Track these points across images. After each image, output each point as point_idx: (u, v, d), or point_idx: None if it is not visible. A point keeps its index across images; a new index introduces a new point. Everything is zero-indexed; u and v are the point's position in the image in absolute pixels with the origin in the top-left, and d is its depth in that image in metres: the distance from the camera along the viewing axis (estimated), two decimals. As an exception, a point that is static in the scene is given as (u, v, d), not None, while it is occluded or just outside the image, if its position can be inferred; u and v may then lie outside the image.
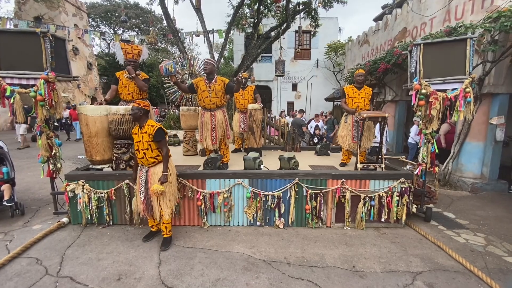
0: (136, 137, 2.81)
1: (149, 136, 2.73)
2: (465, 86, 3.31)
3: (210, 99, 3.97)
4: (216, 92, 3.96)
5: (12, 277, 2.43)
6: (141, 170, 2.89)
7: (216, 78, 4.00)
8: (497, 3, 4.83)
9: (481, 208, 4.42)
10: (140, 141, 2.78)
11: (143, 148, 2.77)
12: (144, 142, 2.76)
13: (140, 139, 2.78)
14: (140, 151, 2.80)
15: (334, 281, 2.47)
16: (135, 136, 2.82)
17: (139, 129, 2.81)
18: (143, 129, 2.77)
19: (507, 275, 2.62)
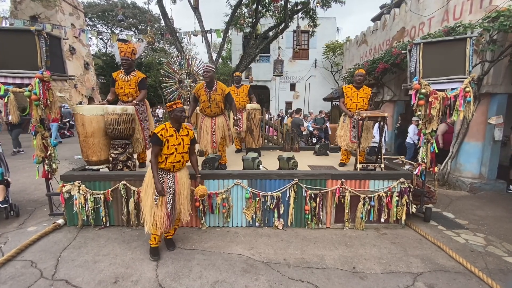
0: (172, 140, 2.59)
1: (190, 139, 2.70)
2: (465, 86, 3.29)
3: (211, 109, 3.98)
4: (217, 102, 3.93)
5: (6, 280, 2.38)
6: (166, 178, 2.63)
7: (216, 87, 3.89)
8: (495, 3, 4.83)
9: (480, 208, 4.42)
10: (180, 144, 2.64)
11: (182, 151, 2.67)
12: (184, 145, 2.67)
13: (179, 142, 2.63)
14: (177, 155, 2.63)
15: (334, 282, 2.44)
16: (171, 139, 2.58)
17: (175, 132, 2.63)
18: (182, 132, 2.67)
19: (507, 275, 2.60)
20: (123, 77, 3.88)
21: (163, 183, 2.60)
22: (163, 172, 2.63)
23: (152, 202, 2.57)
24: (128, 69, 3.89)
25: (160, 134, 2.53)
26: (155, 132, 2.54)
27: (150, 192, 2.61)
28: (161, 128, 2.57)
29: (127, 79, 3.88)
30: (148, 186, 2.63)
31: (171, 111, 2.62)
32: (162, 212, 2.58)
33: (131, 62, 3.89)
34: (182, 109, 2.62)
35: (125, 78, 3.88)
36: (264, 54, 16.00)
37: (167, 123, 2.65)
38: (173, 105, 2.62)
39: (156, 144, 2.52)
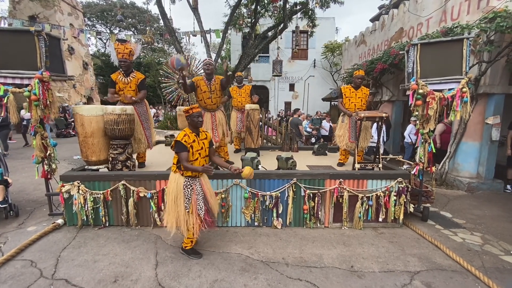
0: (196, 146, 2.58)
1: (209, 141, 2.72)
2: (462, 86, 3.32)
3: (212, 99, 4.02)
4: (217, 92, 4.02)
5: (6, 279, 2.39)
6: (194, 184, 2.62)
7: (215, 78, 4.03)
8: (492, 4, 4.87)
9: (478, 207, 4.45)
10: (202, 148, 2.64)
11: (204, 155, 2.67)
12: (206, 148, 2.69)
13: (201, 146, 2.63)
14: (201, 160, 2.63)
15: (333, 281, 2.46)
16: (194, 145, 2.57)
17: (196, 137, 2.61)
18: (201, 136, 2.68)
19: (503, 273, 2.63)
20: (123, 79, 3.88)
21: (191, 190, 2.60)
22: (190, 178, 2.61)
23: (185, 210, 2.57)
24: (127, 71, 3.88)
25: (184, 141, 2.51)
26: (178, 139, 2.51)
27: (180, 201, 2.58)
28: (183, 135, 2.54)
29: (127, 81, 3.88)
30: (177, 197, 2.59)
31: (188, 116, 2.61)
32: (195, 218, 2.58)
33: (129, 64, 3.87)
34: (199, 114, 2.61)
35: (125, 80, 3.87)
36: (263, 54, 16.02)
37: (186, 129, 2.63)
38: (189, 110, 2.59)
39: (182, 151, 2.50)
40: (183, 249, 2.82)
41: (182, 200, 2.57)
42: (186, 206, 2.57)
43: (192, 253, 2.80)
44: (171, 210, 2.63)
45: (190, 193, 2.59)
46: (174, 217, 2.61)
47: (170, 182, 2.66)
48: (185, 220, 2.58)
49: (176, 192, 2.60)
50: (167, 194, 2.72)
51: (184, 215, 2.58)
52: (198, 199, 2.62)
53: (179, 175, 2.62)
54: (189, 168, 2.51)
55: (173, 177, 2.64)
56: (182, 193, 2.57)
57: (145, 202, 3.42)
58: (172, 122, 9.81)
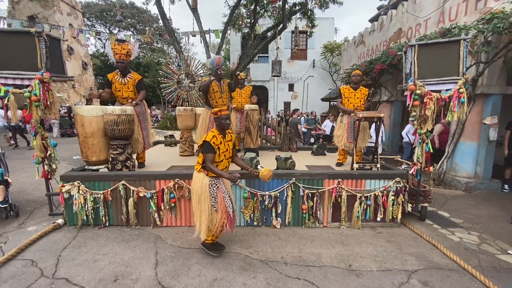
0: (222, 148, 2.60)
1: (233, 143, 2.77)
2: (458, 87, 3.35)
3: (223, 100, 4.27)
4: (226, 92, 4.28)
5: (7, 279, 2.41)
6: (219, 184, 2.64)
7: (223, 80, 4.25)
8: (490, 5, 4.91)
9: (475, 207, 4.48)
10: (227, 150, 2.68)
11: (228, 156, 2.72)
12: (230, 150, 2.72)
13: (226, 148, 2.67)
14: (225, 161, 2.68)
15: (331, 280, 2.49)
16: (221, 146, 2.59)
17: (222, 139, 2.63)
18: (227, 137, 2.71)
19: (500, 272, 2.66)
20: (120, 80, 3.88)
21: (217, 188, 2.62)
22: (214, 178, 2.63)
23: (212, 209, 2.58)
24: (123, 71, 3.89)
25: (213, 142, 2.53)
26: (207, 140, 2.52)
27: (206, 201, 2.59)
28: (212, 136, 2.56)
29: (124, 81, 3.89)
30: (203, 197, 2.60)
31: (216, 117, 2.64)
32: (221, 216, 2.60)
33: (126, 65, 3.88)
34: (227, 116, 2.64)
35: (122, 80, 3.88)
36: (262, 55, 16.06)
37: (214, 130, 2.65)
38: (217, 112, 2.62)
39: (210, 152, 2.52)
40: (203, 244, 2.82)
41: (207, 200, 2.58)
42: (214, 205, 2.58)
43: (212, 249, 2.80)
44: (195, 209, 2.67)
45: (216, 192, 2.60)
46: (198, 217, 2.64)
47: (195, 182, 2.67)
48: (210, 219, 2.59)
49: (200, 191, 2.60)
50: (192, 195, 2.73)
51: (210, 214, 2.59)
52: (225, 197, 2.66)
53: (204, 175, 2.62)
54: (214, 171, 2.53)
55: (198, 177, 2.64)
56: (207, 193, 2.58)
57: (145, 202, 3.44)
58: (172, 122, 9.82)
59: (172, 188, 3.40)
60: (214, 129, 2.69)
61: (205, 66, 6.94)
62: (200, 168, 2.64)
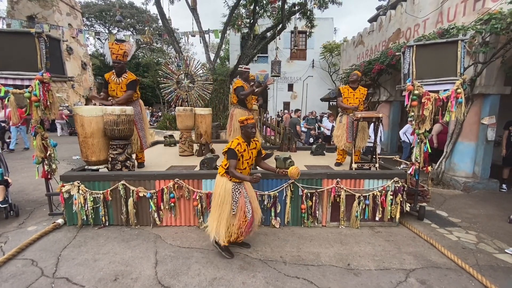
0: (245, 155, 2.70)
1: (257, 150, 2.82)
2: (456, 87, 3.38)
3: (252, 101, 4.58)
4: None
5: (8, 278, 2.42)
6: (241, 189, 2.72)
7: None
8: (488, 6, 4.93)
9: (473, 206, 4.51)
10: (250, 158, 2.77)
11: (251, 163, 2.81)
12: (253, 157, 2.81)
13: (250, 156, 2.75)
14: (248, 168, 2.77)
15: (329, 279, 2.51)
16: (244, 154, 2.68)
17: (247, 147, 2.71)
18: (251, 145, 2.77)
19: (497, 271, 2.68)
20: (115, 79, 3.89)
21: (239, 193, 2.69)
22: (238, 184, 2.70)
23: (230, 213, 2.64)
24: (119, 72, 3.89)
25: (237, 150, 2.61)
26: (232, 147, 2.60)
27: (227, 205, 2.65)
28: (237, 144, 2.64)
29: (119, 81, 3.89)
30: (225, 200, 2.65)
31: (242, 126, 2.70)
32: (238, 221, 2.67)
33: (123, 65, 3.87)
34: (253, 125, 2.71)
35: (116, 80, 3.88)
36: (261, 55, 16.09)
37: (239, 138, 2.72)
38: (244, 121, 2.69)
39: (233, 158, 2.60)
40: (217, 243, 2.83)
41: (229, 203, 2.65)
42: (233, 209, 2.65)
43: (225, 250, 2.83)
44: (214, 211, 2.70)
45: (238, 197, 2.68)
46: (215, 219, 2.68)
47: (218, 185, 2.72)
48: (229, 222, 2.66)
49: (224, 195, 2.66)
50: (214, 197, 2.75)
51: (228, 218, 2.65)
52: (246, 202, 2.73)
53: (227, 179, 2.68)
54: (236, 176, 2.59)
55: (221, 181, 2.70)
56: (230, 197, 2.65)
57: (144, 201, 3.45)
58: (171, 122, 9.83)
59: (172, 188, 3.42)
60: (239, 136, 2.75)
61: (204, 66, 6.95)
62: (223, 172, 2.70)
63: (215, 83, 9.12)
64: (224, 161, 2.72)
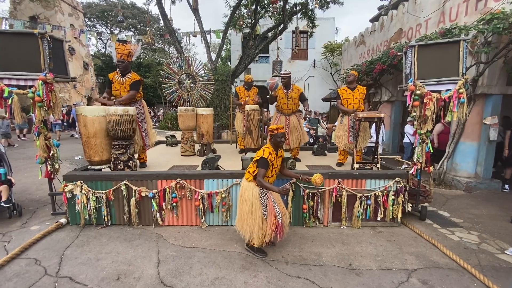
0: (274, 163, 2.75)
1: (282, 159, 2.87)
2: (458, 87, 3.37)
3: (288, 105, 4.68)
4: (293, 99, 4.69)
5: (11, 277, 2.44)
6: (267, 193, 2.72)
7: (292, 87, 4.70)
8: (490, 5, 4.92)
9: (475, 206, 4.50)
10: (277, 166, 2.82)
11: (277, 171, 2.86)
12: (279, 165, 2.86)
13: (277, 164, 2.80)
14: (274, 175, 2.84)
15: (331, 279, 2.51)
16: (274, 162, 2.73)
17: (275, 155, 2.75)
18: (279, 153, 2.80)
19: (499, 271, 2.68)
20: (119, 79, 3.91)
21: (267, 197, 2.71)
22: (266, 191, 2.73)
23: (262, 217, 2.67)
24: (123, 71, 3.92)
25: (269, 159, 2.65)
26: (265, 157, 2.64)
27: (257, 210, 2.68)
28: (268, 153, 2.67)
29: (122, 81, 3.91)
30: (254, 206, 2.68)
31: (272, 135, 2.73)
32: (270, 224, 2.69)
33: (127, 65, 3.90)
34: (283, 134, 2.74)
35: (120, 80, 3.91)
36: (263, 55, 16.07)
37: (269, 147, 2.74)
38: (275, 130, 2.72)
39: (264, 168, 2.64)
40: (248, 245, 2.89)
41: (259, 208, 2.67)
42: (264, 213, 2.68)
43: (257, 251, 2.86)
44: (245, 217, 2.73)
45: (266, 201, 2.70)
46: (248, 225, 2.72)
47: (245, 191, 2.75)
48: (260, 227, 2.68)
49: (251, 200, 2.69)
50: (241, 203, 2.78)
51: (260, 222, 2.68)
52: (275, 206, 2.74)
53: (254, 185, 2.72)
54: (265, 186, 2.65)
55: (248, 186, 2.74)
56: (258, 202, 2.67)
57: (146, 201, 3.47)
58: (173, 122, 9.85)
59: (174, 187, 3.43)
60: (269, 145, 2.78)
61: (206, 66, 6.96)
62: (251, 178, 2.73)
63: (216, 83, 9.14)
64: (252, 167, 2.74)
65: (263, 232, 2.71)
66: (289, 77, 4.69)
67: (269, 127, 2.79)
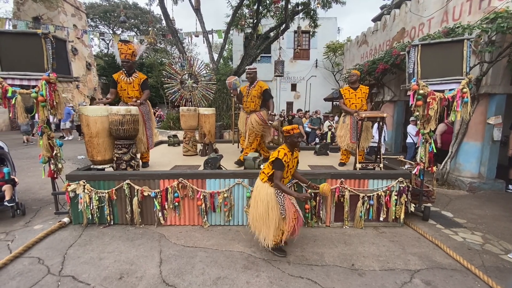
0: (290, 164, 2.71)
1: (297, 160, 2.85)
2: (462, 87, 3.35)
3: (246, 103, 4.36)
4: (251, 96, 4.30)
5: (15, 276, 2.46)
6: (286, 196, 2.72)
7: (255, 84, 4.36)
8: (494, 4, 4.88)
9: (479, 207, 4.46)
10: (293, 167, 2.80)
11: (293, 172, 2.84)
12: (294, 166, 2.82)
13: (293, 165, 2.78)
14: (290, 176, 2.82)
15: (333, 279, 2.50)
16: (289, 163, 2.69)
17: (291, 155, 2.71)
18: (294, 154, 2.78)
19: (503, 272, 2.66)
20: (125, 79, 3.95)
21: (283, 196, 2.70)
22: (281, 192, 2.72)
23: (280, 216, 2.65)
24: (129, 71, 3.96)
25: (284, 160, 2.61)
26: (280, 158, 2.59)
27: (274, 210, 2.65)
28: (284, 154, 2.62)
29: (130, 81, 3.95)
30: (270, 206, 2.65)
31: (288, 136, 2.68)
32: (289, 222, 2.68)
33: (131, 64, 3.95)
34: (299, 135, 2.70)
35: (127, 80, 3.95)
36: (265, 55, 16.07)
37: (285, 147, 2.69)
38: (290, 130, 2.68)
39: (280, 169, 2.60)
40: (272, 249, 2.86)
41: (275, 208, 2.65)
42: (282, 212, 2.65)
43: (277, 250, 2.86)
44: (262, 218, 2.68)
45: (283, 200, 2.68)
46: (265, 224, 2.68)
47: (260, 191, 2.72)
48: (277, 226, 2.67)
49: (267, 201, 2.65)
50: (256, 203, 2.73)
51: (277, 222, 2.65)
52: (294, 203, 2.75)
53: (269, 185, 2.70)
54: (282, 189, 2.62)
55: (263, 187, 2.71)
56: (274, 202, 2.65)
57: (149, 201, 3.47)
58: (175, 122, 9.87)
59: (176, 187, 3.43)
60: (284, 145, 2.73)
61: (208, 66, 6.97)
62: (266, 179, 2.71)
63: (218, 83, 9.14)
64: (267, 169, 2.71)
65: (282, 230, 2.69)
66: (254, 72, 4.32)
67: (284, 128, 2.74)
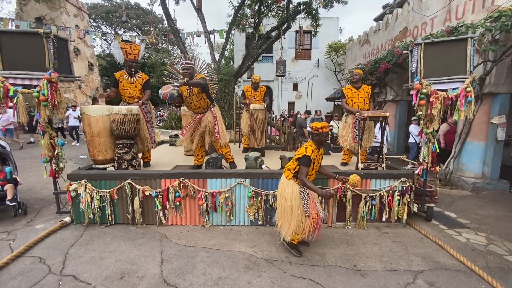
0: (316, 161, 2.73)
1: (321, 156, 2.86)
2: (466, 86, 3.32)
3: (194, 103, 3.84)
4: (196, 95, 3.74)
5: (16, 275, 2.45)
6: (307, 190, 2.72)
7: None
8: (497, 3, 4.84)
9: (482, 207, 4.42)
10: (318, 163, 2.81)
11: (317, 169, 2.86)
12: (319, 163, 2.84)
13: (318, 162, 2.80)
14: (314, 174, 2.83)
15: (336, 279, 2.48)
16: (315, 160, 2.73)
17: (317, 152, 2.73)
18: (320, 151, 2.79)
19: (507, 273, 2.62)
20: (128, 79, 3.94)
21: (307, 195, 2.71)
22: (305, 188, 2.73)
23: (304, 214, 2.67)
24: (134, 71, 3.97)
25: (312, 157, 2.63)
26: (308, 154, 2.61)
27: (297, 207, 2.67)
28: (311, 151, 2.64)
29: (133, 80, 3.95)
30: (295, 203, 2.67)
31: (317, 134, 2.70)
32: (311, 221, 2.69)
33: (138, 64, 4.01)
34: (327, 134, 2.75)
35: (130, 79, 3.95)
36: (266, 54, 16.04)
37: (312, 144, 2.72)
38: (319, 129, 2.69)
39: (306, 165, 2.62)
40: (285, 241, 2.87)
41: (300, 205, 2.67)
42: (306, 211, 2.67)
43: (294, 248, 2.87)
44: (286, 214, 2.72)
45: (307, 198, 2.69)
46: (287, 221, 2.71)
47: (285, 188, 2.74)
48: (299, 224, 2.67)
49: (292, 198, 2.68)
50: (281, 200, 2.76)
51: (300, 219, 2.67)
52: (316, 203, 2.76)
53: (294, 182, 2.72)
54: (308, 186, 2.62)
55: (288, 184, 2.73)
56: (299, 199, 2.67)
57: (150, 200, 3.47)
58: (177, 122, 9.88)
59: (177, 187, 3.42)
60: (311, 142, 2.75)
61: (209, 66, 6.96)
62: (291, 176, 2.72)
63: (220, 83, 9.14)
64: (292, 165, 2.73)
65: (303, 228, 2.69)
66: (191, 68, 3.66)
67: (313, 124, 2.75)
